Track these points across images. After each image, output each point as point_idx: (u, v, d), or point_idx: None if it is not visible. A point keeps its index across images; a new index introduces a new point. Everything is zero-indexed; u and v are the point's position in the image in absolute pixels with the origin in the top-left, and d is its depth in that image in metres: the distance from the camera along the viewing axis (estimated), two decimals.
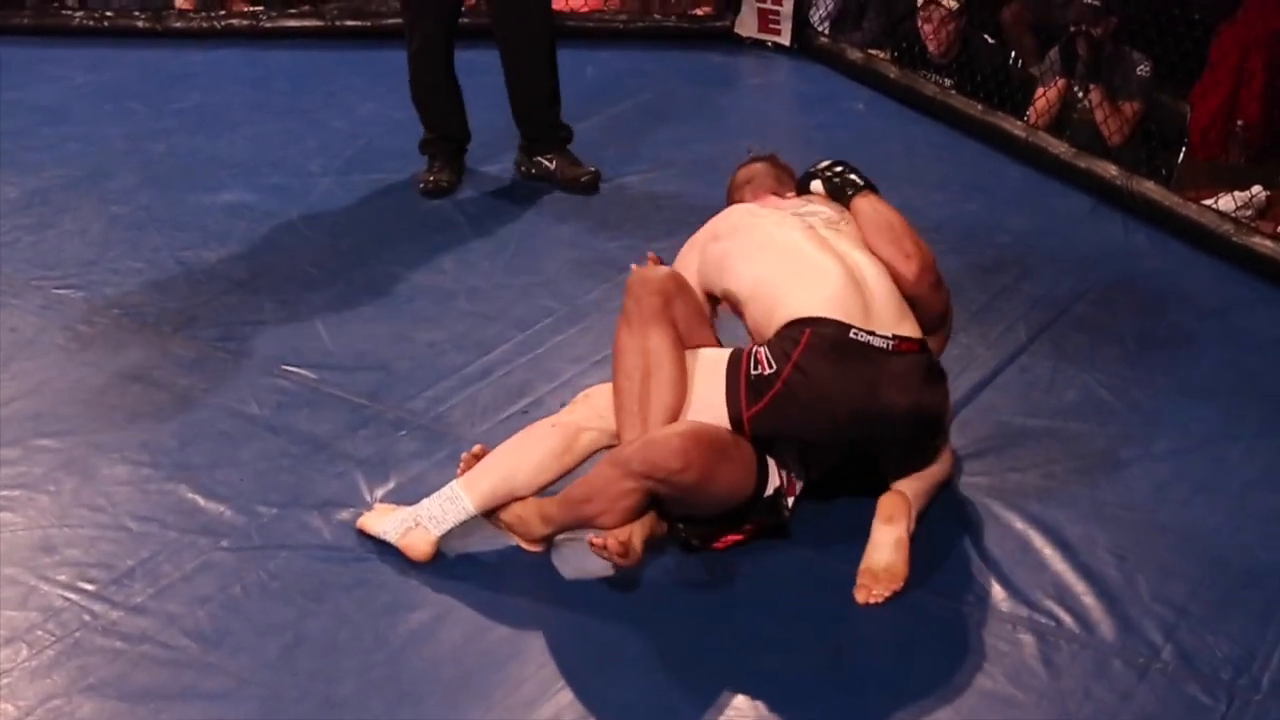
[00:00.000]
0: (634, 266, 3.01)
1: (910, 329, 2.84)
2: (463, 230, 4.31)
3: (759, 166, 3.32)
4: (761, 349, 2.80)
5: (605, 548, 2.71)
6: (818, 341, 2.75)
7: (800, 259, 2.88)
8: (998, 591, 2.78)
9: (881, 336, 2.77)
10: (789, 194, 3.16)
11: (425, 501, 2.86)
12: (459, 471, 2.91)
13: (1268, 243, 4.09)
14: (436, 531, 2.83)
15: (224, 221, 4.34)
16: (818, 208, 3.04)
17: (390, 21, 6.23)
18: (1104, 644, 2.65)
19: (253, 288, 3.93)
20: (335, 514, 2.97)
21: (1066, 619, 2.70)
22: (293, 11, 6.30)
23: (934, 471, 2.98)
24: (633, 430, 2.81)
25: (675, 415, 2.81)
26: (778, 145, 3.64)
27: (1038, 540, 2.93)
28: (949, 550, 2.89)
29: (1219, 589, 2.79)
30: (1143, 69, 5.12)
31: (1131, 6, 5.37)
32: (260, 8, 6.42)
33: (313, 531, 2.92)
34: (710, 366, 2.86)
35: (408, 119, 4.61)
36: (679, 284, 2.94)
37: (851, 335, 2.76)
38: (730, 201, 3.27)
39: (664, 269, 2.98)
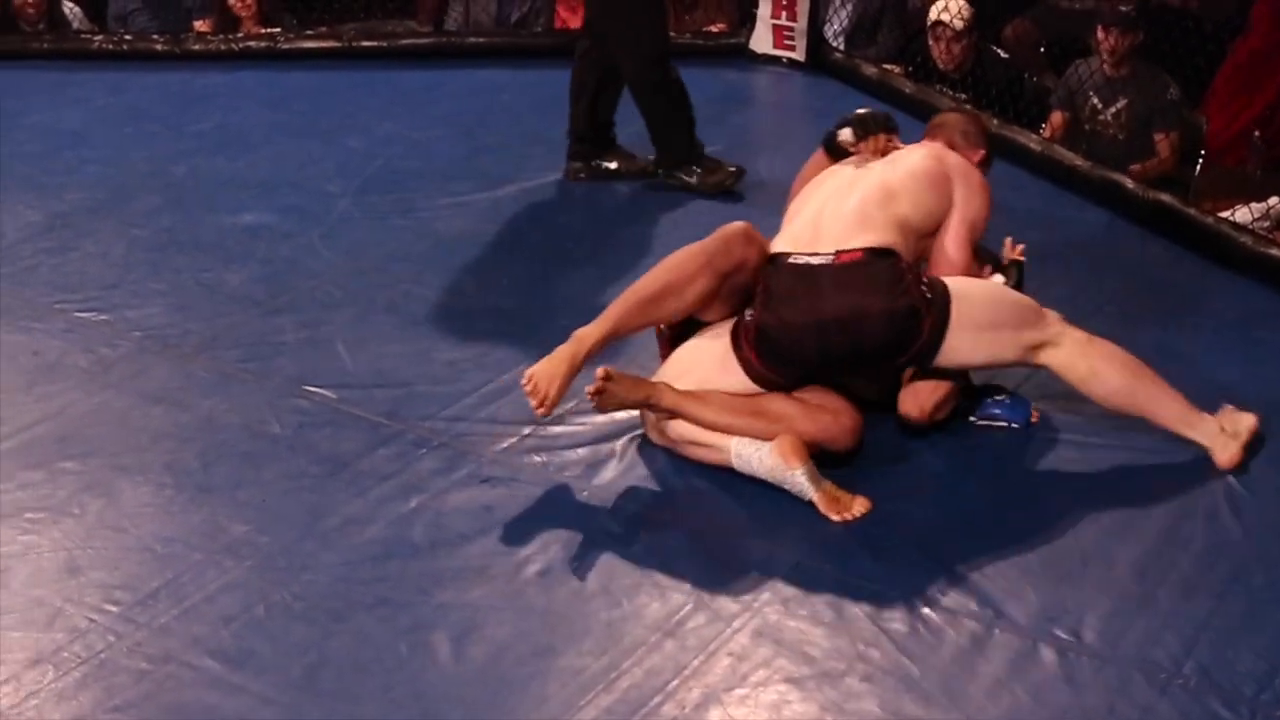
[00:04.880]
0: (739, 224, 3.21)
1: (863, 240, 3.09)
2: (482, 249, 4.33)
3: (951, 117, 3.66)
4: (749, 308, 3.14)
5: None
6: (769, 274, 3.12)
7: (802, 207, 3.24)
8: (1017, 607, 2.78)
9: (822, 255, 3.09)
10: (967, 153, 3.45)
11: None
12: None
13: None
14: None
15: (244, 243, 4.37)
16: (898, 160, 3.33)
17: (405, 42, 6.30)
18: (1125, 659, 2.64)
19: (273, 308, 3.95)
20: (357, 533, 2.99)
21: (1087, 635, 2.70)
22: (310, 33, 6.34)
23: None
24: (608, 317, 3.11)
25: (641, 327, 3.22)
26: (794, 161, 3.66)
27: (1058, 555, 2.93)
28: (967, 565, 2.89)
29: (1241, 604, 2.79)
30: (1172, 92, 5.12)
31: (1148, 20, 5.37)
32: (278, 29, 6.47)
33: (336, 551, 2.94)
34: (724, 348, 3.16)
35: (425, 139, 4.64)
36: (760, 258, 3.15)
37: (790, 260, 3.11)
38: (925, 137, 3.55)
39: (763, 240, 3.19)
